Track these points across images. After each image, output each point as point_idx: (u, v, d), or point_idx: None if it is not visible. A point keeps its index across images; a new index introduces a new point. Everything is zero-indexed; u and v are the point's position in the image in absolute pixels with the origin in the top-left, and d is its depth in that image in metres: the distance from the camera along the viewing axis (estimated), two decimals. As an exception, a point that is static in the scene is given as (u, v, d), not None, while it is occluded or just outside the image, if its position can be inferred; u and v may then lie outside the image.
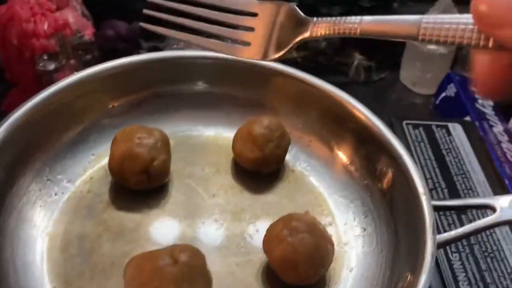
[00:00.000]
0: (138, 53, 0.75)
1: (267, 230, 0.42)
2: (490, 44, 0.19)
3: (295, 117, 0.52)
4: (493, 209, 0.39)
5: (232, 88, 0.54)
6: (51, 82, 0.49)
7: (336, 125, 0.50)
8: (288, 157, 0.51)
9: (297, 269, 0.39)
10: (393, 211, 0.44)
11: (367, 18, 0.25)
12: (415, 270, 0.37)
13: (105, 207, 0.46)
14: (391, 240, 0.43)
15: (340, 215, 0.47)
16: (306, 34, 0.29)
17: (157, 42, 0.77)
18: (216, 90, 0.54)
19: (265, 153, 0.47)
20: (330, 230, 0.45)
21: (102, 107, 0.51)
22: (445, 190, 0.54)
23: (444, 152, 0.59)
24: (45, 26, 0.65)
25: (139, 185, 0.46)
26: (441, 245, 0.38)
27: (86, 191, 0.47)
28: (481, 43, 0.20)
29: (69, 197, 0.46)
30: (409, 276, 0.38)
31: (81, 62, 0.66)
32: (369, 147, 0.47)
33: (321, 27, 0.28)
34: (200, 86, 0.54)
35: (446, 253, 0.48)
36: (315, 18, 0.29)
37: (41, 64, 0.64)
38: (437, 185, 0.55)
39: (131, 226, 0.44)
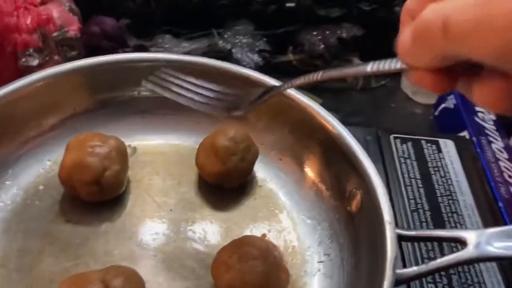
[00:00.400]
0: (123, 51, 0.72)
1: (217, 254, 0.39)
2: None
3: (267, 129, 0.49)
4: (463, 243, 0.35)
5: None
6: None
7: (308, 141, 0.46)
8: (257, 171, 0.47)
9: (244, 300, 0.36)
10: (359, 238, 0.40)
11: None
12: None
13: (54, 218, 0.43)
14: (353, 270, 0.39)
15: (305, 237, 0.44)
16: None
17: (144, 40, 0.74)
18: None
19: (227, 166, 0.44)
20: (291, 255, 0.42)
21: (64, 110, 0.48)
22: (428, 213, 0.50)
23: (431, 170, 0.54)
24: (28, 21, 0.63)
25: (91, 197, 0.43)
26: (403, 281, 0.34)
27: (36, 200, 0.44)
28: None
29: (16, 205, 0.43)
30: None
31: (66, 58, 0.64)
32: (339, 165, 0.44)
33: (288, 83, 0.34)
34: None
35: (421, 284, 0.44)
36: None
37: (23, 60, 0.62)
38: (419, 206, 0.51)
39: (77, 240, 0.41)
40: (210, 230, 0.43)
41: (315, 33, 0.76)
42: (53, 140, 0.47)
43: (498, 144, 0.63)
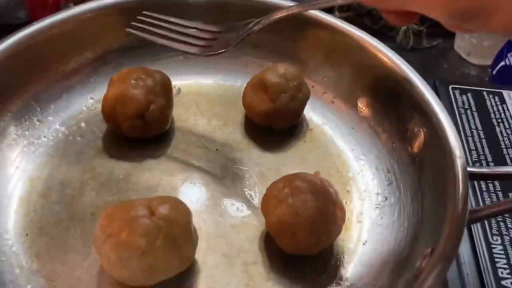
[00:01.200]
0: None
1: (267, 189, 0.36)
2: None
3: (322, 69, 0.46)
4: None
5: (256, 33, 0.47)
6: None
7: (366, 80, 0.43)
8: (307, 114, 0.45)
9: (296, 236, 0.33)
10: (421, 179, 0.37)
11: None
12: (438, 244, 0.30)
13: (96, 154, 0.41)
14: (415, 213, 0.36)
15: (361, 180, 0.41)
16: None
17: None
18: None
19: (276, 104, 0.41)
20: (345, 196, 0.39)
21: (107, 44, 0.46)
22: (491, 164, 0.46)
23: (495, 121, 0.50)
24: (72, -30, 0.61)
25: (134, 132, 0.41)
26: (474, 220, 0.31)
27: (78, 136, 0.42)
28: None
29: (58, 141, 0.42)
30: (429, 251, 0.31)
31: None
32: (401, 104, 0.40)
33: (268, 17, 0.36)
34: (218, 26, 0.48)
35: (485, 235, 0.40)
36: None
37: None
38: (482, 157, 0.47)
39: (120, 175, 0.40)
40: (257, 170, 0.41)
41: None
42: (96, 77, 0.46)
43: None
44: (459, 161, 0.33)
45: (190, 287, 0.33)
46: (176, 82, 0.46)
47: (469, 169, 0.33)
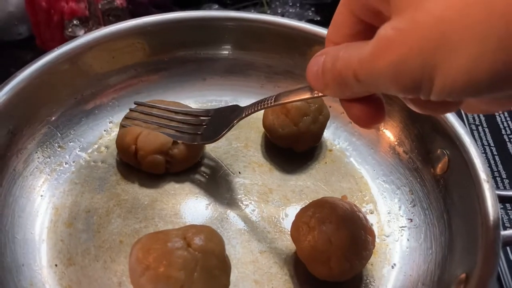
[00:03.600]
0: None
1: (296, 215, 0.36)
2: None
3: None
4: None
5: (268, 55, 0.48)
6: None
7: (385, 100, 0.43)
8: (326, 134, 0.45)
9: (329, 263, 0.34)
10: (447, 201, 0.38)
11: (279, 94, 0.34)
12: (474, 270, 0.30)
13: (119, 180, 0.41)
14: (442, 234, 0.37)
15: (384, 202, 0.41)
16: (242, 115, 0.38)
17: (191, 10, 0.72)
18: (249, 57, 0.48)
19: (299, 128, 0.42)
20: (370, 219, 0.39)
21: (125, 68, 0.46)
22: (506, 181, 0.47)
23: (506, 137, 0.51)
24: (75, -11, 0.61)
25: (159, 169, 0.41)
26: (507, 243, 0.31)
27: (99, 161, 0.42)
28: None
29: (80, 167, 0.42)
30: (464, 277, 0.31)
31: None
32: (422, 126, 0.41)
33: (250, 108, 0.37)
34: (231, 50, 0.48)
35: (506, 256, 0.41)
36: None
37: (69, 30, 0.61)
38: (496, 174, 0.47)
39: (145, 202, 0.40)
40: (281, 193, 0.41)
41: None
42: (114, 101, 0.45)
43: None
44: (486, 185, 0.34)
45: (225, 316, 0.33)
46: (194, 105, 0.46)
47: (497, 192, 0.34)
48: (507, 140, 0.51)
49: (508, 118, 0.54)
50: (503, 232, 0.32)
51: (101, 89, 0.45)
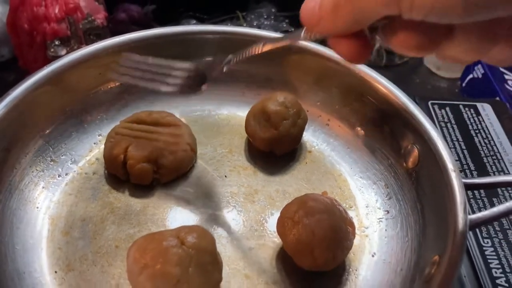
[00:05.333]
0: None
1: (281, 212, 0.39)
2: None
3: (313, 94, 0.49)
4: (530, 187, 0.35)
5: (247, 65, 0.51)
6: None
7: (357, 102, 0.47)
8: (305, 137, 0.48)
9: (313, 254, 0.36)
10: (419, 192, 0.41)
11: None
12: (445, 252, 0.33)
13: (110, 189, 0.43)
14: (417, 223, 0.40)
15: (362, 197, 0.44)
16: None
17: (171, 26, 0.74)
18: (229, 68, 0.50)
19: (280, 131, 0.44)
20: (350, 213, 0.42)
21: (110, 84, 0.48)
22: (475, 172, 0.50)
23: (472, 132, 0.55)
24: (56, 10, 0.63)
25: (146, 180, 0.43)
26: (473, 226, 0.35)
27: (91, 172, 0.44)
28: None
29: (73, 178, 0.44)
30: (437, 259, 0.34)
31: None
32: (393, 124, 0.44)
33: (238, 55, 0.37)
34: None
35: (477, 239, 0.44)
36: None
37: (52, 50, 0.62)
38: (465, 166, 0.51)
39: (137, 208, 0.42)
40: (265, 193, 0.44)
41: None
42: (103, 114, 0.48)
43: (531, 109, 0.63)
44: (454, 174, 0.37)
45: (219, 310, 0.36)
46: (179, 115, 0.48)
47: (463, 180, 0.37)
48: (473, 135, 0.55)
49: (474, 114, 0.57)
50: (470, 216, 0.35)
51: (89, 104, 0.47)
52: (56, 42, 0.62)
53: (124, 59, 0.40)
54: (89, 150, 0.46)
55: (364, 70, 0.46)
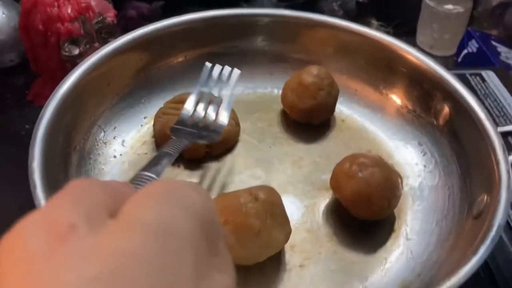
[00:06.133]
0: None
1: (335, 169, 0.42)
2: None
3: (339, 67, 0.52)
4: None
5: (269, 46, 0.54)
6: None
7: (384, 70, 0.50)
8: (336, 107, 0.51)
9: (371, 202, 0.39)
10: (453, 144, 0.45)
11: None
12: (492, 189, 0.37)
13: (165, 164, 0.45)
14: (455, 172, 0.43)
15: (398, 156, 0.47)
16: None
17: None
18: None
19: (318, 101, 0.48)
20: (391, 170, 0.45)
21: (150, 69, 0.51)
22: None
23: (482, 97, 0.59)
24: (69, 10, 0.65)
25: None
26: (513, 165, 0.39)
27: (142, 153, 0.47)
28: None
29: (128, 157, 0.46)
30: (485, 198, 0.38)
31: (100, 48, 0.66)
32: (421, 87, 0.48)
33: None
34: (240, 45, 0.54)
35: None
36: None
37: (66, 49, 0.64)
38: (481, 127, 0.55)
39: (194, 180, 0.44)
40: (311, 159, 0.47)
41: (334, -1, 0.82)
42: (145, 98, 0.50)
43: (526, 77, 0.68)
44: (487, 122, 0.41)
45: (290, 260, 0.39)
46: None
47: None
48: (483, 99, 0.59)
49: (480, 81, 0.62)
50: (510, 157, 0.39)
51: (133, 89, 0.49)
52: (69, 42, 0.64)
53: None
54: (137, 131, 0.48)
55: (389, 40, 0.49)
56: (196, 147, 0.45)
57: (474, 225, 0.37)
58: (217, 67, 0.46)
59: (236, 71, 0.46)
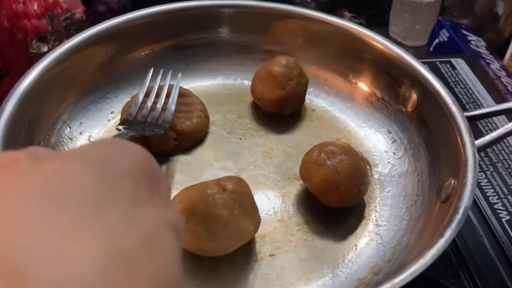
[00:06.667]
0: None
1: (304, 158, 0.42)
2: None
3: (309, 57, 0.52)
4: (522, 111, 0.40)
5: (239, 37, 0.54)
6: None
7: (353, 59, 0.50)
8: (307, 97, 0.51)
9: (340, 190, 0.39)
10: (421, 130, 0.45)
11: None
12: (459, 173, 0.37)
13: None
14: (423, 158, 0.44)
15: (368, 143, 0.48)
16: None
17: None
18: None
19: (287, 91, 0.47)
20: (361, 157, 0.45)
21: (117, 63, 0.50)
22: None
23: (452, 84, 0.60)
24: (35, 6, 0.63)
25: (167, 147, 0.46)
26: (481, 149, 0.39)
27: (111, 146, 0.46)
28: None
29: (95, 153, 0.45)
30: (452, 182, 0.38)
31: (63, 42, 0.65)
32: (389, 74, 0.48)
33: None
34: (209, 36, 0.53)
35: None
36: None
37: (34, 47, 0.63)
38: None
39: (164, 172, 0.44)
40: (280, 150, 0.47)
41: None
42: (112, 93, 0.49)
43: (495, 65, 0.69)
44: (455, 107, 0.41)
45: (260, 250, 0.38)
46: (184, 86, 0.51)
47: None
48: (453, 86, 0.60)
49: (450, 69, 0.63)
50: (476, 141, 0.39)
51: (99, 83, 0.48)
52: (37, 39, 0.63)
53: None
54: (104, 126, 0.47)
55: (357, 29, 0.49)
56: (164, 139, 0.44)
57: (443, 209, 0.37)
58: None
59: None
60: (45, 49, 0.63)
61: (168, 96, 0.45)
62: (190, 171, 0.44)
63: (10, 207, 0.14)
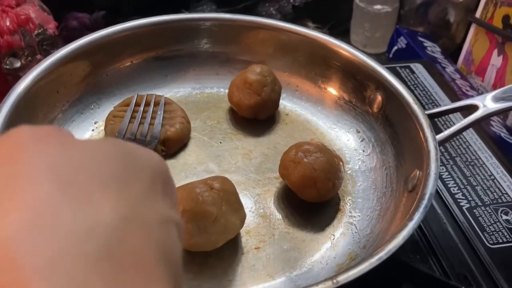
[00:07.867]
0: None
1: (282, 157, 0.45)
2: None
3: (281, 65, 0.56)
4: (475, 108, 0.45)
5: (217, 49, 0.57)
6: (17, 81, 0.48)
7: (321, 66, 0.54)
8: (280, 102, 0.54)
9: (317, 185, 0.43)
10: (387, 129, 0.49)
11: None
12: (423, 164, 0.41)
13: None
14: (390, 153, 0.48)
15: (339, 143, 0.51)
16: None
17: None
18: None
19: (262, 97, 0.51)
20: (333, 156, 0.49)
21: (98, 75, 0.52)
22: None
23: (412, 87, 0.65)
24: (8, 22, 0.65)
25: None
26: (441, 142, 0.43)
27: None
28: None
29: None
30: (417, 173, 0.42)
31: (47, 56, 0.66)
32: (355, 79, 0.52)
33: None
34: (186, 48, 0.56)
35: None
36: None
37: (7, 63, 0.64)
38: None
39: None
40: (260, 151, 0.50)
41: (270, 4, 0.86)
42: (95, 104, 0.51)
43: (450, 68, 0.75)
44: (416, 106, 0.45)
45: (246, 244, 0.41)
46: (164, 94, 0.53)
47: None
48: (413, 89, 0.65)
49: (409, 73, 0.67)
50: (437, 135, 0.43)
51: (82, 95, 0.51)
52: (10, 55, 0.64)
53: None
54: (89, 136, 0.50)
55: (325, 38, 0.53)
56: (152, 148, 0.47)
57: (410, 198, 0.41)
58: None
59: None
60: (18, 64, 0.64)
61: (154, 118, 0.49)
62: (175, 175, 0.46)
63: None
